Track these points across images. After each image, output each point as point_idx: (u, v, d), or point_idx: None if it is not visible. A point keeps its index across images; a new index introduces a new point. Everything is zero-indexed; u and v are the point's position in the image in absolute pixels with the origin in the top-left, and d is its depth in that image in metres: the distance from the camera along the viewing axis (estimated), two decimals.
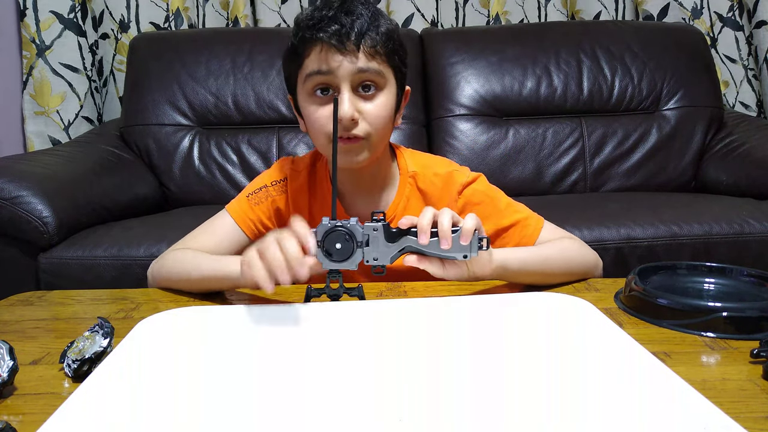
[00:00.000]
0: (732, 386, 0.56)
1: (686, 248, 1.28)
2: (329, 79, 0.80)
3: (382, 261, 0.70)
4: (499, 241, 0.90)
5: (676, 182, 1.79)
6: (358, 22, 0.79)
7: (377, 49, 0.80)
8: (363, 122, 0.81)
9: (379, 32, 0.80)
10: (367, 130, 0.82)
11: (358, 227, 0.69)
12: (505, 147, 1.77)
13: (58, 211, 1.28)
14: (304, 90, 0.84)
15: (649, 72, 1.83)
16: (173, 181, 1.74)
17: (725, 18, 2.07)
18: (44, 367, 0.62)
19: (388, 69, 0.83)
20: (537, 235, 0.89)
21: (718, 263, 0.81)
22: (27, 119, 1.89)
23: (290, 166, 0.95)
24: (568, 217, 1.33)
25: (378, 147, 0.85)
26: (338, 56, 0.79)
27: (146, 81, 1.79)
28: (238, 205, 0.92)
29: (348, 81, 0.80)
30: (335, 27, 0.78)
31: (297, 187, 0.93)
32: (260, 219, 0.91)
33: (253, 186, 0.94)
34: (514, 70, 1.82)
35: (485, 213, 0.88)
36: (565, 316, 0.71)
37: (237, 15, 2.05)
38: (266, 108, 1.79)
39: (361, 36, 0.79)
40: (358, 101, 0.81)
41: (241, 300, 0.82)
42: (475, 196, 0.92)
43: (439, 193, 0.92)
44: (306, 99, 0.84)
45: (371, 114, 0.81)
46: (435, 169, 0.93)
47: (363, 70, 0.80)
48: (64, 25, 1.87)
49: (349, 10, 0.80)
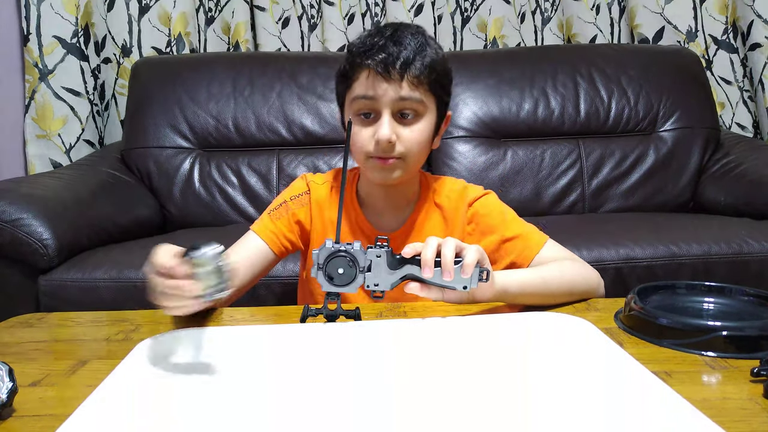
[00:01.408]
0: (733, 405, 0.56)
1: (685, 268, 1.28)
2: (372, 104, 0.86)
3: (382, 287, 0.70)
4: (501, 251, 0.93)
5: (674, 203, 1.79)
6: (405, 53, 0.84)
7: (420, 78, 0.85)
8: (399, 145, 0.87)
9: (423, 63, 0.85)
10: (403, 152, 0.87)
11: (361, 253, 0.69)
12: (504, 168, 1.78)
13: (58, 233, 1.28)
14: (350, 110, 0.90)
15: (645, 94, 1.85)
16: (174, 203, 1.74)
17: (720, 41, 2.09)
18: (44, 389, 0.62)
19: (429, 97, 0.88)
20: (538, 250, 0.91)
21: (718, 283, 0.82)
22: (28, 142, 1.90)
23: (310, 179, 0.99)
24: (567, 238, 1.33)
25: (413, 168, 0.91)
26: (383, 84, 0.85)
27: (147, 104, 1.81)
28: (261, 223, 0.96)
29: (389, 107, 0.86)
30: (383, 56, 0.84)
31: (319, 198, 0.97)
32: (282, 232, 0.95)
33: (273, 204, 0.99)
34: (511, 92, 1.84)
35: (492, 223, 0.94)
36: (566, 336, 0.71)
37: (238, 39, 2.08)
38: (266, 131, 1.80)
39: (406, 66, 0.84)
40: (397, 126, 0.87)
41: (240, 321, 0.81)
42: (483, 207, 0.96)
43: (455, 206, 0.97)
44: (352, 117, 0.89)
45: (408, 139, 0.87)
46: (451, 185, 0.99)
47: (404, 98, 0.85)
48: (66, 49, 1.89)
49: (398, 40, 0.85)
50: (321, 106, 1.82)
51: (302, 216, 0.96)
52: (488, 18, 2.14)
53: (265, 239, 0.94)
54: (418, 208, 0.97)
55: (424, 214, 0.96)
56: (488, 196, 0.98)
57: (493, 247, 0.93)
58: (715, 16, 2.09)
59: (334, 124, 1.81)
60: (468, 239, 0.95)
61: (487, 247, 0.93)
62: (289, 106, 1.81)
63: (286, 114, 1.81)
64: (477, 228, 0.96)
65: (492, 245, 0.93)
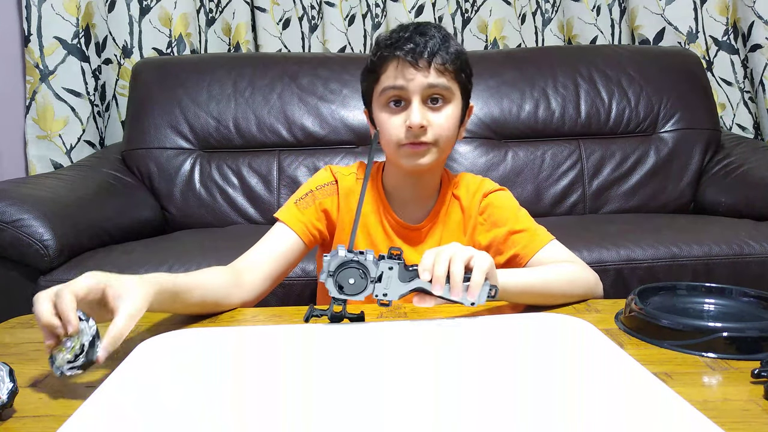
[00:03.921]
0: (733, 407, 0.56)
1: (686, 269, 1.28)
2: (402, 92, 0.89)
3: (390, 297, 0.70)
4: (508, 242, 0.95)
5: (675, 204, 1.79)
6: (431, 42, 0.88)
7: (446, 66, 0.89)
8: (431, 130, 0.90)
9: (449, 52, 0.89)
10: (435, 137, 0.90)
11: (373, 264, 0.68)
12: (504, 169, 1.79)
13: (59, 234, 1.28)
14: (380, 101, 0.93)
15: (645, 95, 1.85)
16: (174, 204, 1.74)
17: (720, 42, 2.09)
18: (44, 390, 0.62)
19: (455, 84, 0.91)
20: (542, 246, 0.93)
21: (718, 284, 0.82)
22: (29, 143, 1.90)
23: (336, 170, 1.01)
24: (567, 239, 1.32)
25: (443, 153, 0.93)
26: (412, 71, 0.88)
27: (148, 105, 1.81)
28: (288, 212, 0.97)
29: (419, 94, 0.89)
30: (410, 46, 0.88)
31: (347, 187, 0.99)
32: (311, 221, 0.97)
33: (299, 193, 0.99)
34: (512, 93, 1.84)
35: (504, 216, 0.97)
36: (567, 337, 0.71)
37: (239, 40, 2.08)
38: (267, 131, 1.80)
39: (432, 55, 0.88)
40: (427, 112, 0.90)
41: (241, 322, 0.81)
42: (497, 200, 0.99)
43: (471, 197, 1.00)
44: (381, 109, 0.93)
45: (438, 123, 0.90)
46: (470, 179, 1.03)
47: (433, 85, 0.89)
48: (67, 50, 1.89)
49: (423, 32, 0.90)
50: (322, 106, 1.82)
51: (329, 205, 0.98)
52: (489, 19, 2.15)
53: (295, 230, 0.95)
54: (441, 199, 1.00)
55: (446, 206, 1.00)
56: (504, 191, 1.01)
57: (501, 239, 0.96)
58: (715, 17, 2.09)
59: (335, 125, 1.81)
60: (478, 229, 0.98)
61: (495, 238, 0.95)
62: (290, 107, 1.81)
63: (287, 115, 1.81)
64: (488, 219, 0.98)
65: (500, 237, 0.96)
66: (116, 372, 0.61)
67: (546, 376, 0.62)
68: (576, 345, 0.69)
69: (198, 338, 0.73)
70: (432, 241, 0.98)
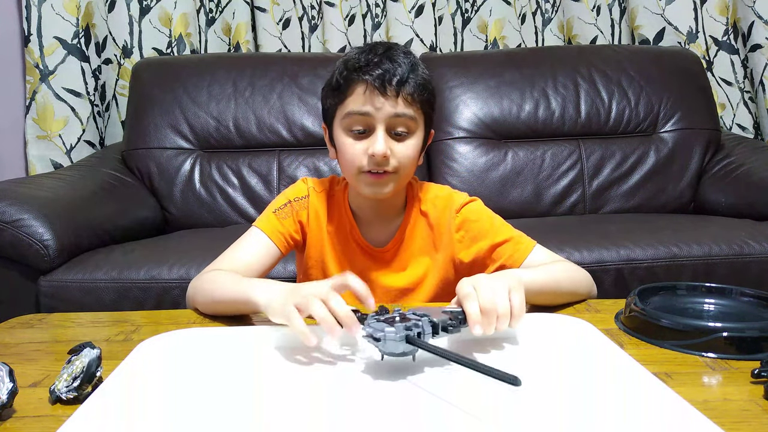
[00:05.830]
0: (733, 406, 0.56)
1: (686, 269, 1.28)
2: (368, 119, 0.87)
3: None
4: (494, 255, 0.94)
5: (675, 204, 1.79)
6: (400, 70, 0.86)
7: (414, 96, 0.87)
8: (393, 159, 0.88)
9: (417, 81, 0.87)
10: (396, 166, 0.88)
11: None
12: (504, 169, 1.79)
13: (59, 234, 1.28)
14: (342, 124, 0.90)
15: (645, 95, 1.85)
16: (174, 204, 1.74)
17: (720, 42, 2.10)
18: (44, 390, 0.62)
19: (420, 115, 0.90)
20: (528, 253, 0.92)
21: (718, 284, 0.82)
22: (29, 143, 1.90)
23: (310, 185, 1.00)
24: (568, 239, 1.34)
25: (403, 182, 0.93)
26: (380, 98, 0.86)
27: (148, 105, 1.81)
28: (267, 221, 0.96)
29: (384, 123, 0.87)
30: (379, 72, 0.85)
31: (317, 204, 0.98)
32: (289, 232, 0.96)
33: (277, 203, 0.99)
34: (512, 93, 1.84)
35: (482, 229, 0.95)
36: (567, 337, 0.71)
37: (239, 40, 2.08)
38: (267, 132, 1.80)
39: (401, 83, 0.86)
40: (391, 141, 0.88)
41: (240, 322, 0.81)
42: (472, 214, 0.97)
43: (440, 212, 0.98)
44: (343, 132, 0.90)
45: (401, 153, 0.88)
46: (435, 192, 1.00)
47: (399, 115, 0.87)
48: (67, 50, 1.89)
49: (392, 57, 0.87)
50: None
51: (303, 218, 0.98)
52: (489, 19, 2.15)
53: (273, 238, 0.94)
54: (406, 218, 0.98)
55: (412, 224, 0.98)
56: (475, 202, 0.99)
57: (484, 253, 0.94)
58: (715, 17, 2.09)
59: None
60: (457, 246, 0.96)
61: (479, 253, 0.95)
62: (290, 107, 1.82)
63: (287, 115, 1.81)
64: (467, 234, 0.96)
65: (483, 251, 0.95)
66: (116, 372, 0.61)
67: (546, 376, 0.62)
68: (576, 345, 0.69)
69: (197, 338, 0.73)
70: (399, 262, 0.97)
